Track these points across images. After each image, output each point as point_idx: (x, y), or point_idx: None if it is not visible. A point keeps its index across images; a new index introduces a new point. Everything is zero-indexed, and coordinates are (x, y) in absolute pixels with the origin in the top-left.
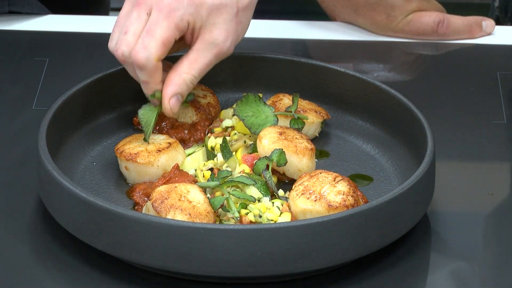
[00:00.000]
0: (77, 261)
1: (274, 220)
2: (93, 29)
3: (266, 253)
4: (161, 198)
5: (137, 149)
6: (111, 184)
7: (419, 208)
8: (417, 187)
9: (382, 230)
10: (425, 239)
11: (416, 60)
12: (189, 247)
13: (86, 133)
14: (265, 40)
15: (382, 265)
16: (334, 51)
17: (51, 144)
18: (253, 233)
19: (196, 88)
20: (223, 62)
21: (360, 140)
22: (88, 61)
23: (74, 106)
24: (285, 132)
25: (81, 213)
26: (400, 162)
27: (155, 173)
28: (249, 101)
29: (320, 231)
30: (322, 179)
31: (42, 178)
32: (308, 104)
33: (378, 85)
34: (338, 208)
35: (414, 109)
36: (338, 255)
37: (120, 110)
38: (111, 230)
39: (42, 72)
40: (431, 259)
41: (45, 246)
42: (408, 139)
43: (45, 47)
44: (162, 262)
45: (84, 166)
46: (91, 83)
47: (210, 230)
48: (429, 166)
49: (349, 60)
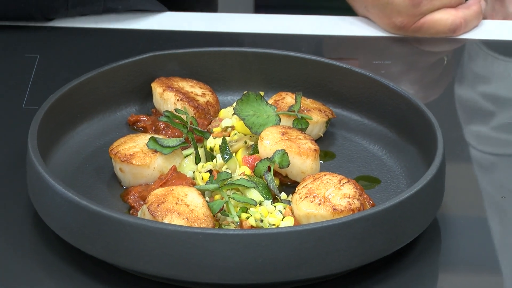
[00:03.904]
0: (69, 268)
1: (276, 225)
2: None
3: (268, 259)
4: (158, 201)
5: (132, 150)
6: (105, 187)
7: (429, 212)
8: (426, 190)
9: (389, 236)
10: (434, 245)
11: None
12: (186, 253)
13: (78, 133)
14: (266, 36)
15: (389, 273)
16: (339, 47)
17: (42, 145)
18: (254, 239)
19: (195, 86)
20: (223, 58)
21: (366, 140)
22: (80, 58)
23: (66, 105)
24: (288, 132)
25: (74, 218)
26: (408, 164)
27: (151, 175)
28: (250, 100)
29: (324, 236)
30: (326, 182)
31: (33, 181)
32: (312, 103)
33: (385, 83)
34: (344, 212)
35: (424, 108)
36: (343, 262)
37: (114, 109)
38: (105, 235)
39: (33, 69)
40: (441, 266)
41: (35, 252)
42: (417, 140)
43: (37, 43)
44: (158, 269)
45: (76, 168)
46: (84, 81)
47: (208, 235)
48: (438, 168)
49: (356, 56)
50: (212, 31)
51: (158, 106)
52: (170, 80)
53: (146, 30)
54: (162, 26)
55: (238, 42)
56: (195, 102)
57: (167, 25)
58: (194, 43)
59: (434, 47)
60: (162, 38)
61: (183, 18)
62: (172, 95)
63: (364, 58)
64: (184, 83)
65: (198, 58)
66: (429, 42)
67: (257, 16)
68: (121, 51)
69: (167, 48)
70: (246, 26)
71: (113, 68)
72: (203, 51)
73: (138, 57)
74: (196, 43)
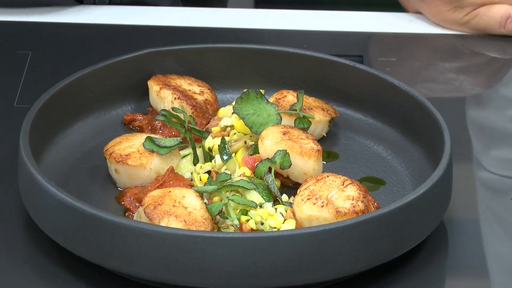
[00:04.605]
0: (62, 272)
1: (277, 228)
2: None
3: (269, 263)
4: (154, 203)
5: (128, 150)
6: (100, 189)
7: (435, 215)
8: (433, 192)
9: (394, 239)
10: (441, 249)
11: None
12: (184, 257)
13: (72, 132)
14: (267, 32)
15: (394, 278)
16: (342, 43)
17: (34, 145)
18: (254, 242)
19: (192, 84)
20: (222, 55)
21: (371, 140)
22: (74, 55)
23: (60, 104)
24: (289, 132)
25: (67, 220)
26: (414, 165)
27: (148, 177)
28: (250, 98)
29: (327, 240)
30: (329, 183)
31: (24, 182)
32: (315, 101)
33: (390, 81)
34: (347, 215)
35: (430, 107)
36: (347, 266)
37: (109, 108)
38: (99, 239)
39: (25, 66)
40: (448, 271)
41: (27, 256)
42: (423, 140)
43: (29, 39)
44: (155, 273)
45: (70, 169)
46: (78, 78)
47: (207, 239)
48: (445, 169)
49: (358, 52)
50: (210, 26)
51: (155, 104)
52: (167, 77)
53: (142, 26)
54: (158, 22)
55: (238, 38)
56: (193, 101)
57: (163, 20)
58: (192, 39)
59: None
60: (159, 34)
61: (181, 13)
62: (169, 93)
63: (367, 54)
64: (182, 80)
65: (196, 54)
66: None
67: (257, 11)
68: (117, 48)
69: (164, 44)
70: (246, 22)
71: (108, 65)
72: (202, 47)
73: (134, 54)
74: (194, 39)
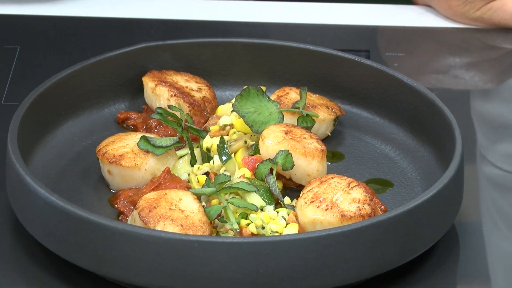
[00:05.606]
0: (53, 279)
1: (279, 232)
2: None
3: (270, 269)
4: (149, 207)
5: (121, 150)
6: (92, 191)
7: (446, 219)
8: (443, 194)
9: (402, 244)
10: (452, 254)
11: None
12: (181, 263)
13: (63, 132)
14: (269, 25)
15: (402, 285)
16: (348, 37)
17: (23, 145)
18: (255, 247)
19: (190, 80)
20: (221, 50)
21: (378, 140)
22: (65, 49)
23: (50, 101)
24: (292, 131)
25: (58, 224)
26: (423, 166)
27: (143, 178)
28: (251, 96)
29: (331, 245)
30: (334, 185)
31: (13, 184)
32: (319, 99)
33: (398, 77)
34: (353, 218)
35: (441, 105)
36: (353, 273)
37: (102, 106)
38: (92, 244)
39: (13, 61)
40: (459, 277)
41: (15, 262)
42: (433, 140)
43: (17, 33)
44: (150, 280)
45: (60, 170)
46: (69, 74)
47: (205, 244)
48: (456, 170)
49: (365, 47)
50: (209, 20)
51: (150, 102)
52: (163, 73)
53: (136, 19)
54: (154, 15)
55: (238, 32)
56: (190, 98)
57: (159, 13)
58: (189, 33)
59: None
60: (154, 27)
61: (177, 6)
62: (165, 90)
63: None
64: (179, 77)
65: (194, 49)
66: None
67: (258, 4)
68: (110, 42)
69: (159, 38)
70: (246, 15)
71: (101, 61)
72: (199, 41)
73: (128, 49)
74: (191, 33)
